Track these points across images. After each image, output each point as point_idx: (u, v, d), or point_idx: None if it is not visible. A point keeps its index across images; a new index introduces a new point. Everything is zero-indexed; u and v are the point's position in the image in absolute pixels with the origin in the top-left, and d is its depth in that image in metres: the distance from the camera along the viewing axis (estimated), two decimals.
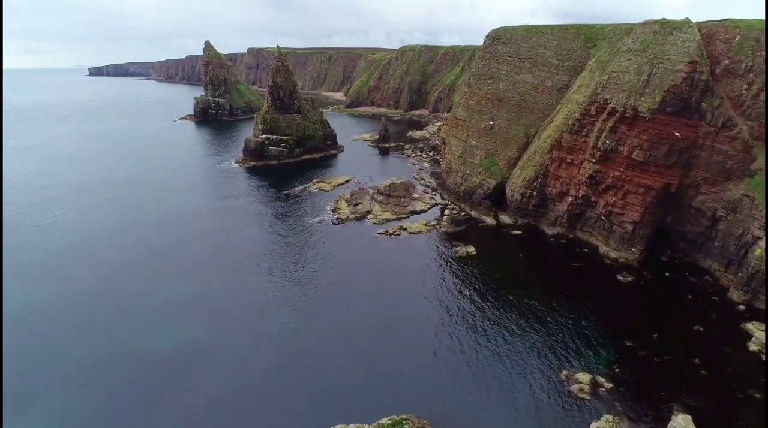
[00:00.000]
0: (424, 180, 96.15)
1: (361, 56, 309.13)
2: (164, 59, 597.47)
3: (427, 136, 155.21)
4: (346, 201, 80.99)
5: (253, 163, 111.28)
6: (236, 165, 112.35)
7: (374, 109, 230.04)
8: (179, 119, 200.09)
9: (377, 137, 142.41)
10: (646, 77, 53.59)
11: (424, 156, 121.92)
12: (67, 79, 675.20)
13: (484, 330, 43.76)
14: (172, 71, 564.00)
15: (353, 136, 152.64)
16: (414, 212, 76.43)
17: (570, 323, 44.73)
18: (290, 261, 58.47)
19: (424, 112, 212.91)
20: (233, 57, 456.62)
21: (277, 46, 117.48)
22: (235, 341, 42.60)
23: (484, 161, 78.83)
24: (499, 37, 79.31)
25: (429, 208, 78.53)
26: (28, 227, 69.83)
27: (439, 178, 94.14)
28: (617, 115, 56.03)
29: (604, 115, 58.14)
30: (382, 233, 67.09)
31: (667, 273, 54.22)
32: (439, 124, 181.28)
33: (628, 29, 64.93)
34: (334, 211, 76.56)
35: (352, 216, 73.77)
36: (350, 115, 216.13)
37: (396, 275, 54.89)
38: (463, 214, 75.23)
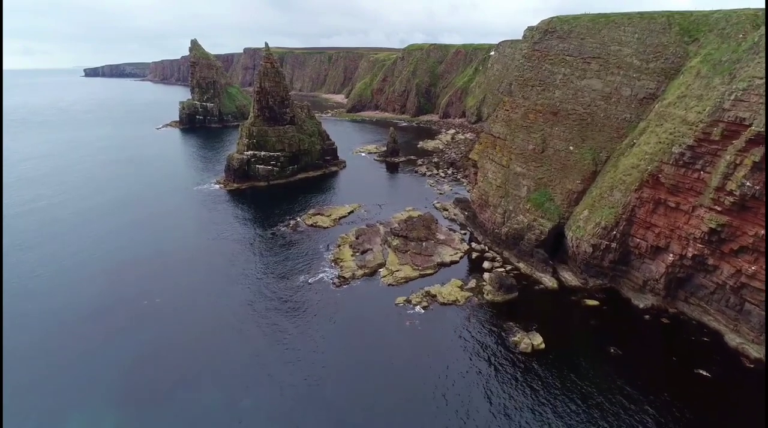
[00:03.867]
0: (447, 211, 76.67)
1: (363, 56, 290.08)
2: (160, 60, 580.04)
3: (441, 146, 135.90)
4: (350, 245, 61.59)
5: (236, 185, 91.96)
6: (217, 186, 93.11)
7: (378, 114, 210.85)
8: (163, 126, 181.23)
9: (384, 149, 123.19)
10: None
11: (442, 174, 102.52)
12: (62, 80, 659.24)
13: None
14: (167, 72, 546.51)
15: (356, 147, 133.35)
16: (442, 264, 56.99)
17: None
18: (269, 365, 39.11)
19: (434, 117, 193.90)
20: (230, 57, 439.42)
21: (266, 43, 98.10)
22: None
23: (533, 194, 59.41)
24: (553, 29, 59.86)
25: (461, 258, 59.10)
26: None
27: (466, 208, 74.66)
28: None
29: (739, 143, 38.69)
30: (401, 304, 47.67)
31: None
32: (452, 131, 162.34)
33: (753, 15, 45.62)
34: (335, 262, 57.11)
35: (360, 271, 54.33)
36: (352, 121, 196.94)
37: (431, 397, 35.43)
38: (510, 268, 55.81)
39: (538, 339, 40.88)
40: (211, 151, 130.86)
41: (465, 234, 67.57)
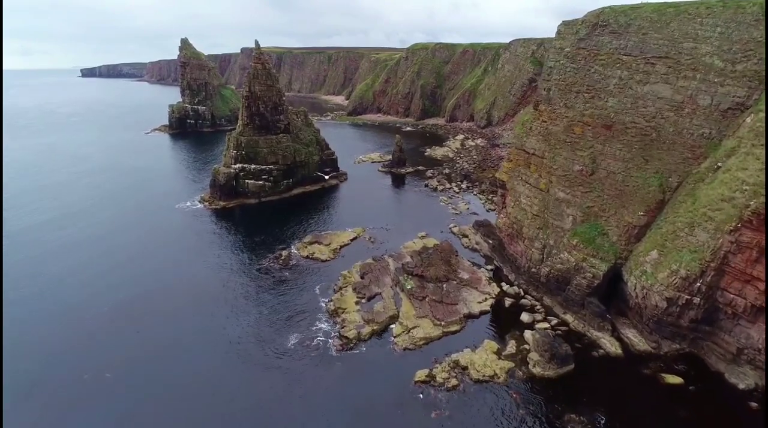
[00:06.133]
0: (467, 237, 65.31)
1: (364, 56, 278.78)
2: (157, 60, 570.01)
3: (450, 154, 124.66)
4: (353, 288, 50.21)
5: (223, 203, 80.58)
6: (201, 205, 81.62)
7: (381, 117, 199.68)
8: (152, 130, 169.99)
9: (389, 158, 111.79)
10: None
11: (456, 189, 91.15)
12: (58, 80, 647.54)
13: None
14: (164, 72, 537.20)
15: (358, 155, 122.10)
16: (469, 316, 45.65)
17: None
18: None
19: (440, 120, 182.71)
20: (227, 57, 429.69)
21: (256, 41, 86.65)
22: None
23: (580, 227, 48.08)
24: (605, 23, 48.47)
25: (492, 305, 47.73)
26: None
27: (490, 235, 63.24)
28: None
29: None
30: (423, 381, 36.28)
31: None
32: (461, 136, 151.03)
33: None
34: (334, 314, 45.65)
35: (367, 329, 42.82)
36: (353, 125, 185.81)
37: None
38: (555, 322, 44.47)
39: None
40: (200, 161, 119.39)
41: (491, 269, 56.26)
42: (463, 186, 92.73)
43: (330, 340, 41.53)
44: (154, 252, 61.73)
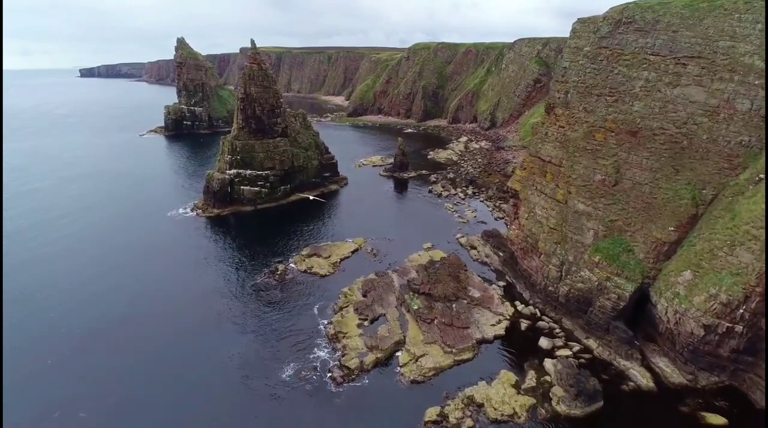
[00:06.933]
0: (476, 249, 61.24)
1: (365, 56, 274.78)
2: (156, 60, 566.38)
3: (454, 157, 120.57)
4: (355, 308, 46.18)
5: (217, 211, 76.50)
6: (194, 213, 77.47)
7: (382, 119, 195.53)
8: (148, 132, 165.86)
9: (391, 162, 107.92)
10: None
11: (461, 195, 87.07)
12: (56, 81, 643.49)
13: None
14: (163, 72, 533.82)
15: (359, 158, 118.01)
16: (483, 341, 41.62)
17: None
18: None
19: (442, 122, 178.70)
20: (227, 57, 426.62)
21: (251, 41, 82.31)
22: None
23: (603, 242, 44.06)
24: (629, 19, 44.43)
25: (506, 327, 43.69)
26: None
27: (500, 247, 59.22)
28: None
29: None
30: (434, 422, 32.21)
31: None
32: (464, 138, 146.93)
33: None
34: (334, 339, 41.61)
35: (370, 357, 38.82)
36: (353, 126, 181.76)
37: None
38: (577, 349, 40.41)
39: None
40: (195, 165, 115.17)
41: (503, 285, 52.20)
42: (469, 191, 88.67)
43: (329, 373, 37.37)
44: (140, 265, 57.56)
